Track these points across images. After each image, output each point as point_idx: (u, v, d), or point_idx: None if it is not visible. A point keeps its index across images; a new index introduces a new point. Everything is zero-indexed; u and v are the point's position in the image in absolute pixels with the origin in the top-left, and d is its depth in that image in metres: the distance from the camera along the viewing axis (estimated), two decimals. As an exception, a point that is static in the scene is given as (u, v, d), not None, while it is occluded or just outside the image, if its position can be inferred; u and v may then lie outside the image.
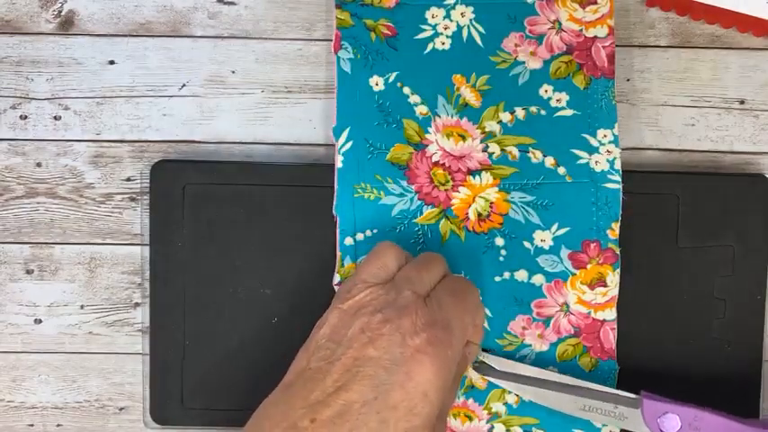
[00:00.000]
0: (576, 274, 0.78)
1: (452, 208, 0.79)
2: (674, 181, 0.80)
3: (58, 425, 0.84)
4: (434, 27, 0.79)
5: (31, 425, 0.84)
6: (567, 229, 0.78)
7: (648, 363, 0.80)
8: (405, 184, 0.78)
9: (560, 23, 0.79)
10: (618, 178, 0.78)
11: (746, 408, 0.80)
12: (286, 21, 0.82)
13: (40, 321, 0.83)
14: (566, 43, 0.79)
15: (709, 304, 0.81)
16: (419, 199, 0.78)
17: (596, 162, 0.78)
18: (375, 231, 0.78)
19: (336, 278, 0.78)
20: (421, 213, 0.79)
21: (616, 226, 0.77)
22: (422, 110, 0.79)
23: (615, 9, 0.80)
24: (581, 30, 0.78)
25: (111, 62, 0.82)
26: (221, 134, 0.82)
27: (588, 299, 0.78)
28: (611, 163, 0.78)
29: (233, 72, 0.82)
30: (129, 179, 0.83)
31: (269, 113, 0.82)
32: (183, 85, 0.82)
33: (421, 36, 0.79)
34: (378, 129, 0.78)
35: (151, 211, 0.80)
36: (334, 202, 0.78)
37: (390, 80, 0.79)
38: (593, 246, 0.78)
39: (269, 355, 0.81)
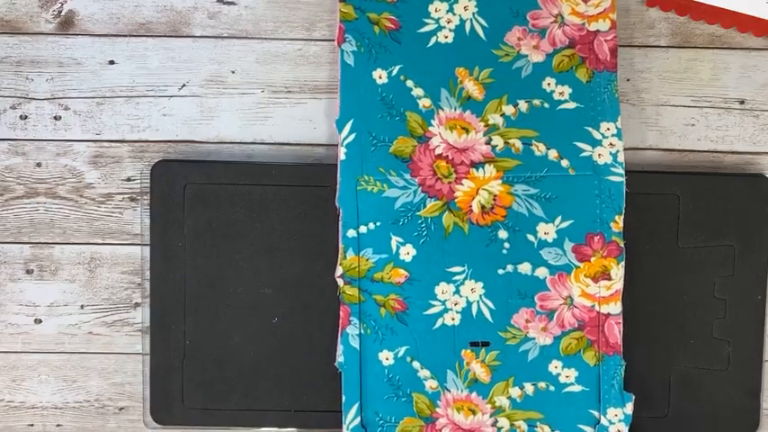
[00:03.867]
0: (580, 267, 0.78)
1: (456, 200, 0.79)
2: (674, 181, 0.80)
3: (58, 425, 0.84)
4: (437, 20, 0.79)
5: (31, 425, 0.84)
6: (571, 221, 0.78)
7: (649, 362, 0.80)
8: (408, 176, 0.79)
9: (563, 17, 0.79)
10: (621, 171, 0.78)
11: (747, 408, 0.81)
12: (286, 21, 0.82)
13: (40, 321, 0.83)
14: (568, 37, 0.79)
15: (710, 304, 0.81)
16: (422, 191, 0.79)
17: (599, 155, 0.78)
18: (378, 224, 0.79)
19: (339, 270, 0.78)
20: (424, 206, 0.79)
21: (620, 219, 0.78)
22: (425, 103, 0.79)
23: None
24: (583, 24, 0.79)
25: (111, 62, 0.82)
26: (221, 134, 0.82)
27: (592, 292, 0.79)
28: (615, 156, 0.78)
29: (233, 72, 0.82)
30: (129, 179, 0.83)
31: (269, 113, 0.82)
32: (183, 85, 0.82)
33: (424, 29, 0.79)
34: (381, 121, 0.79)
35: (151, 211, 0.80)
36: (337, 194, 0.78)
37: (394, 73, 0.79)
38: (596, 238, 0.78)
39: (269, 355, 0.81)
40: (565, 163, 0.78)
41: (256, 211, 0.80)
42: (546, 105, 0.79)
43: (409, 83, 0.79)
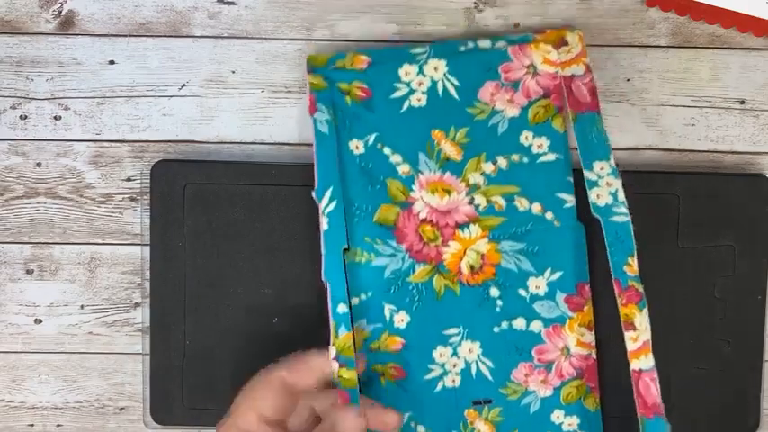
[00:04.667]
0: (573, 318, 0.78)
1: (444, 263, 0.78)
2: (674, 181, 0.80)
3: (58, 425, 0.84)
4: (409, 84, 0.78)
5: (32, 425, 0.84)
6: (561, 273, 0.78)
7: (648, 363, 0.80)
8: (394, 243, 0.78)
9: (535, 67, 0.78)
10: (625, 210, 0.76)
11: (747, 408, 0.81)
12: (286, 21, 0.82)
13: (40, 321, 0.83)
14: (542, 87, 0.78)
15: (710, 304, 0.81)
16: (410, 257, 0.78)
17: (598, 196, 0.76)
18: (369, 294, 0.78)
19: (333, 351, 0.74)
20: (414, 271, 0.78)
21: (633, 261, 0.75)
22: (404, 168, 0.78)
23: (615, 10, 0.80)
24: (556, 72, 0.78)
25: (111, 62, 0.82)
26: (221, 134, 0.82)
27: (587, 340, 0.78)
28: (615, 195, 0.76)
29: (233, 72, 0.82)
30: (129, 179, 0.83)
31: (269, 113, 0.82)
32: (183, 85, 0.82)
33: (396, 95, 0.78)
34: (362, 191, 0.78)
35: (151, 211, 0.80)
36: (323, 268, 0.76)
37: (370, 142, 0.78)
38: (587, 288, 0.78)
39: (269, 355, 0.81)
40: (549, 216, 0.78)
41: (256, 211, 0.80)
42: (525, 160, 0.78)
43: (386, 150, 0.78)
